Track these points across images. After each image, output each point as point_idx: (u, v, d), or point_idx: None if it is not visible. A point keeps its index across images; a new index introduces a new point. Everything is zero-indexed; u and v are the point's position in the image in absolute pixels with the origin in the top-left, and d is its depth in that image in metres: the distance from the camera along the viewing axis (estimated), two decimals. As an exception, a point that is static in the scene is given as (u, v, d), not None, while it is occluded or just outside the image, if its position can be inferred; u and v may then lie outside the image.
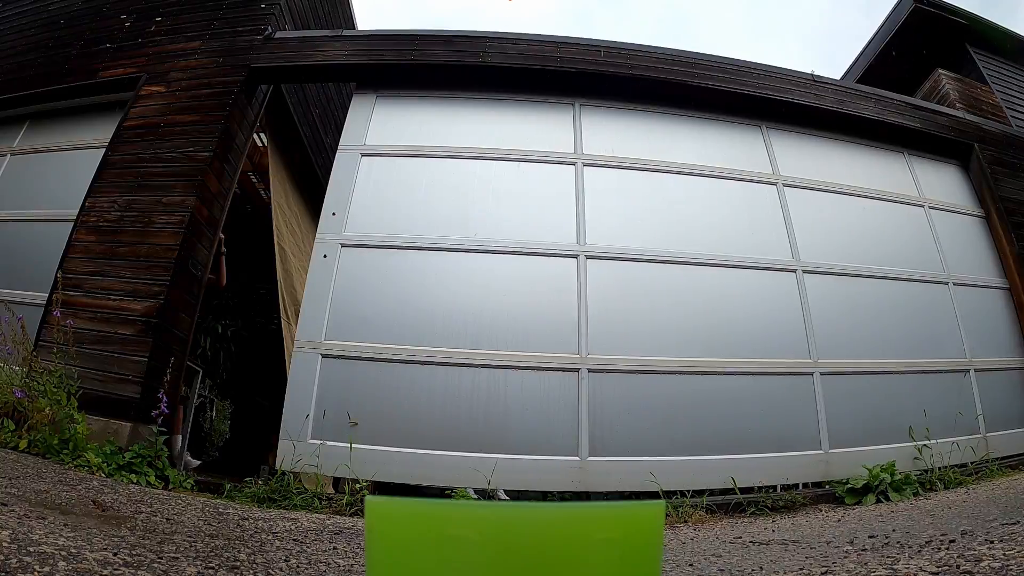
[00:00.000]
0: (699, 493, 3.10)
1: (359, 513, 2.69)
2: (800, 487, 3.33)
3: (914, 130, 4.86)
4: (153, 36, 4.55)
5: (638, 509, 0.43)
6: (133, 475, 2.75)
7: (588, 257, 3.76)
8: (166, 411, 3.10)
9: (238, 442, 6.18)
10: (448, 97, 4.39)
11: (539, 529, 0.41)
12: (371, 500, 0.44)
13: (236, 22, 4.52)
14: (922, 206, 4.62)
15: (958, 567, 0.84)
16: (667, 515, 2.52)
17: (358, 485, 2.89)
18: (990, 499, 2.20)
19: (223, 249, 4.16)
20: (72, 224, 3.78)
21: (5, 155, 4.53)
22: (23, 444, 2.62)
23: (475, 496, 3.02)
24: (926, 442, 3.48)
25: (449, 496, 3.03)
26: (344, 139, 4.16)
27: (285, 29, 4.65)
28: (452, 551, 0.41)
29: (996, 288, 4.50)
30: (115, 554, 1.04)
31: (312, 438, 3.22)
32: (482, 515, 0.43)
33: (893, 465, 3.10)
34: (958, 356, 4.08)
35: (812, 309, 3.84)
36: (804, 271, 3.96)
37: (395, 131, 4.20)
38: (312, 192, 5.49)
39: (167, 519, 1.72)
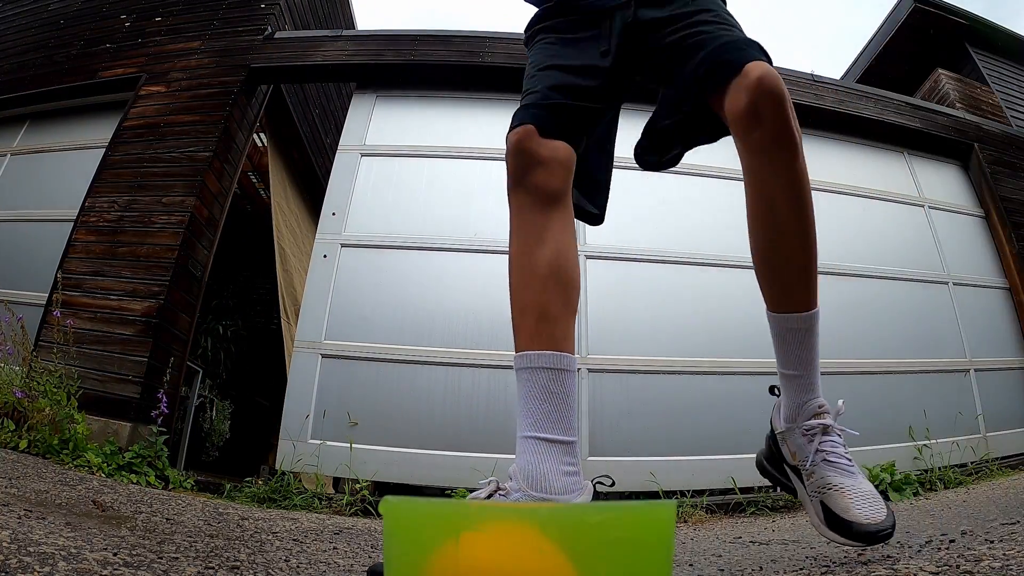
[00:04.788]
0: (699, 493, 3.10)
1: (359, 513, 2.69)
2: (800, 487, 3.33)
3: (914, 130, 4.86)
4: (153, 36, 4.56)
5: (649, 509, 0.43)
6: (133, 475, 2.75)
7: (588, 257, 3.76)
8: (166, 411, 3.10)
9: (238, 442, 6.19)
10: (448, 97, 4.39)
11: (553, 528, 0.41)
12: (388, 501, 0.44)
13: (236, 22, 4.52)
14: (922, 206, 4.62)
15: (958, 567, 0.84)
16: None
17: (358, 485, 2.89)
18: (990, 499, 2.20)
19: None
20: (72, 224, 3.78)
21: (5, 155, 4.53)
22: (23, 444, 2.62)
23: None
24: (926, 442, 3.48)
25: (449, 496, 3.03)
26: (344, 139, 4.16)
27: (285, 29, 4.65)
28: (468, 550, 0.41)
29: (996, 288, 4.50)
30: (115, 554, 1.04)
31: (312, 438, 3.22)
32: (497, 515, 0.43)
33: (893, 465, 3.10)
34: (958, 356, 4.08)
35: (812, 309, 3.84)
36: (804, 271, 3.96)
37: (395, 131, 4.20)
38: (312, 192, 5.49)
39: (167, 519, 1.72)
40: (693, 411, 3.46)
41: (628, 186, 4.09)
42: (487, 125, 4.26)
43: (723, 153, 4.67)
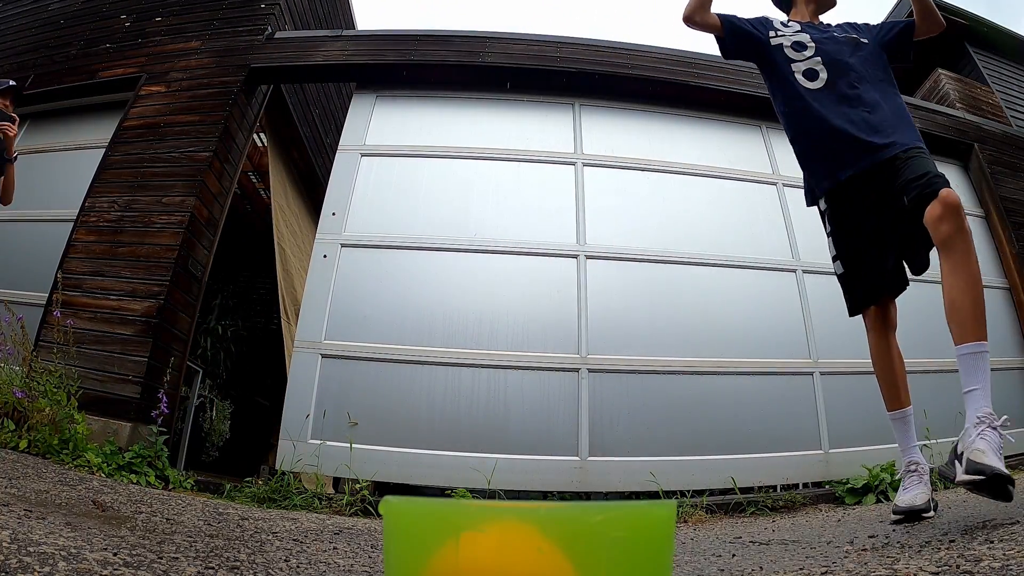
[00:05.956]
0: (699, 493, 3.10)
1: (359, 513, 2.69)
2: (800, 487, 3.33)
3: (914, 130, 4.85)
4: (153, 36, 4.55)
5: (649, 509, 0.43)
6: (133, 475, 2.75)
7: (588, 257, 3.76)
8: (166, 411, 3.10)
9: (238, 442, 6.19)
10: (448, 97, 4.39)
11: (553, 528, 0.41)
12: (388, 501, 0.44)
13: (236, 22, 4.52)
14: (922, 206, 4.61)
15: (958, 567, 0.84)
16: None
17: (358, 485, 2.89)
18: (990, 499, 2.19)
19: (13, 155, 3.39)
20: (72, 224, 3.78)
21: (5, 155, 4.52)
22: (23, 444, 2.62)
23: (472, 497, 3.02)
24: (926, 442, 3.48)
25: (449, 496, 3.03)
26: (344, 139, 4.16)
27: (285, 29, 4.65)
28: (468, 550, 0.41)
29: (996, 288, 4.49)
30: (115, 554, 1.04)
31: (312, 438, 3.22)
32: (497, 514, 0.43)
33: (893, 465, 3.09)
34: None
35: (812, 309, 3.84)
36: (804, 271, 3.96)
37: (395, 131, 4.20)
38: (312, 192, 5.49)
39: (167, 519, 1.72)
40: (693, 411, 3.45)
41: (628, 186, 4.09)
42: (487, 125, 4.26)
43: (723, 153, 4.67)
